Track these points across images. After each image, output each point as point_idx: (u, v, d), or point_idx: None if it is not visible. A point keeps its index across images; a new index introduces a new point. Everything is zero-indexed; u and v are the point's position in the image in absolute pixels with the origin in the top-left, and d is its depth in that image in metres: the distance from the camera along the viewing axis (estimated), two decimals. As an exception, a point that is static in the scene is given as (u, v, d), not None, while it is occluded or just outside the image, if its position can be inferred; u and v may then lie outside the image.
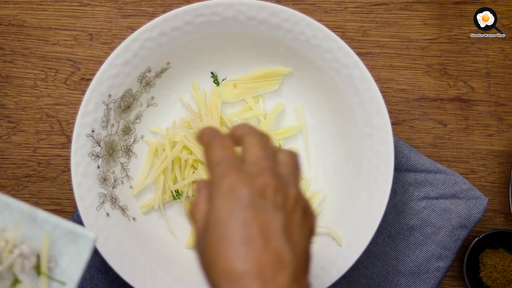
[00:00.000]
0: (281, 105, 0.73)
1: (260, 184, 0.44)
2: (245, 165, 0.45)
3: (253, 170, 0.45)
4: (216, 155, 0.46)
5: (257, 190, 0.44)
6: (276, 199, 0.44)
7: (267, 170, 0.45)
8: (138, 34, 0.67)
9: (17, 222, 0.53)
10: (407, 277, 0.73)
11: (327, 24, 0.77)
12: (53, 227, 0.53)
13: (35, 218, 0.53)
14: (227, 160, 0.45)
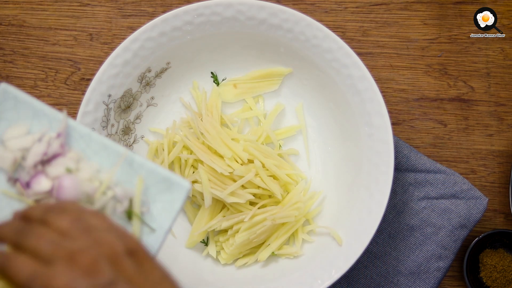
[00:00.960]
0: (281, 105, 0.73)
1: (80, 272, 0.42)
2: (49, 267, 0.43)
3: (61, 267, 0.42)
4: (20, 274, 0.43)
5: (84, 277, 0.42)
6: (103, 273, 0.42)
7: (73, 255, 0.43)
8: (138, 34, 0.67)
9: (112, 164, 0.52)
10: (407, 277, 0.73)
11: (327, 24, 0.77)
12: (148, 172, 0.52)
13: (131, 162, 0.52)
14: (39, 276, 0.42)
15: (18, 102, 0.52)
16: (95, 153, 0.53)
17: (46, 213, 0.46)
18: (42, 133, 0.52)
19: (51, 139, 0.52)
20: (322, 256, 0.69)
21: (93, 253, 0.43)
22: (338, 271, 0.66)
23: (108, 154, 0.52)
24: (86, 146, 0.53)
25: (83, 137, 0.53)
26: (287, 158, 0.73)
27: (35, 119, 0.53)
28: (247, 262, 0.71)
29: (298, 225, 0.71)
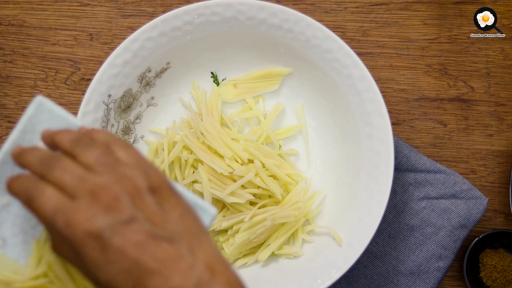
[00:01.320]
0: (281, 105, 0.73)
1: (100, 206, 0.43)
2: (74, 201, 0.44)
3: (84, 200, 0.43)
4: (46, 206, 0.44)
5: (104, 212, 0.43)
6: (123, 207, 0.43)
7: (96, 189, 0.43)
8: (138, 34, 0.67)
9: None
10: (407, 277, 0.73)
11: (327, 24, 0.77)
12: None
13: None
14: (61, 209, 0.43)
15: (52, 115, 0.52)
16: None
17: (75, 144, 0.46)
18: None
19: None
20: (322, 256, 0.68)
21: (115, 189, 0.43)
22: (338, 271, 0.66)
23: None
24: None
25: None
26: (287, 158, 0.73)
27: None
28: (247, 262, 0.71)
29: (298, 225, 0.71)
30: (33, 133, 0.52)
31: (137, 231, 0.43)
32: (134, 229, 0.42)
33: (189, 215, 0.46)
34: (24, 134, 0.52)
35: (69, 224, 0.43)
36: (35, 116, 0.52)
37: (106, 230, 0.42)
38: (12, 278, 0.49)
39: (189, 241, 0.44)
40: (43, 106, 0.52)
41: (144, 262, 0.42)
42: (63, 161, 0.45)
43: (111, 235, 0.42)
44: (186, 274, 0.42)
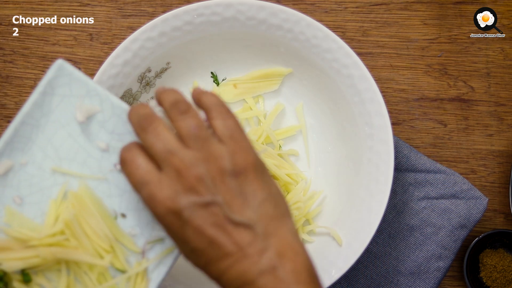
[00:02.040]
0: (281, 104, 0.73)
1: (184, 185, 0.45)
2: (161, 172, 0.46)
3: (170, 175, 0.45)
4: (136, 175, 0.47)
5: (186, 192, 0.45)
6: (204, 188, 0.45)
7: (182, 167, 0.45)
8: (138, 34, 0.67)
9: None
10: (407, 277, 0.73)
11: (327, 24, 0.77)
12: None
13: None
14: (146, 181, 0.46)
15: (72, 79, 0.53)
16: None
17: (172, 108, 0.48)
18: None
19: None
20: (322, 256, 0.68)
21: (200, 170, 0.45)
22: (338, 271, 0.66)
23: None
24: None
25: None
26: (287, 158, 0.73)
27: (87, 98, 0.53)
28: (247, 262, 0.71)
29: (298, 225, 0.71)
30: (52, 95, 0.53)
31: (215, 214, 0.44)
32: (213, 212, 0.44)
33: (270, 199, 0.46)
34: (43, 96, 0.53)
35: (153, 199, 0.45)
36: (54, 78, 0.53)
37: (186, 210, 0.44)
38: (29, 236, 0.51)
39: (266, 227, 0.45)
40: (63, 69, 0.53)
41: (219, 243, 0.44)
42: (158, 125, 0.47)
43: (190, 215, 0.44)
44: (255, 259, 0.44)
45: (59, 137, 0.53)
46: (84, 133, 0.53)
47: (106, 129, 0.53)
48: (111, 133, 0.53)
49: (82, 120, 0.53)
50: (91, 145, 0.53)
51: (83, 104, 0.53)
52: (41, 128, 0.53)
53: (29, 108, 0.52)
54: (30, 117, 0.52)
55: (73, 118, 0.53)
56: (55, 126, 0.53)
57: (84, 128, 0.53)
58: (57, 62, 0.53)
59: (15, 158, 0.52)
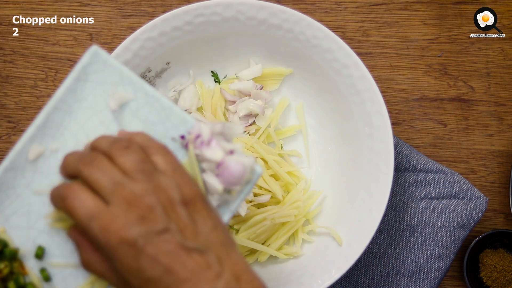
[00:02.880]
0: (286, 99, 0.73)
1: (135, 216, 0.44)
2: (108, 206, 0.45)
3: (118, 207, 0.45)
4: (80, 212, 0.46)
5: (138, 222, 0.44)
6: (157, 218, 0.45)
7: (132, 200, 0.45)
8: (138, 34, 0.67)
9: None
10: (407, 277, 0.73)
11: (327, 24, 0.77)
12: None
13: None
14: (96, 214, 0.45)
15: (107, 66, 0.53)
16: (174, 126, 0.53)
17: (112, 146, 0.47)
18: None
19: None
20: (322, 256, 0.69)
21: (150, 200, 0.45)
22: (338, 271, 0.66)
23: (187, 128, 0.52)
24: (166, 118, 0.53)
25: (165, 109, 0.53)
26: (287, 158, 0.73)
27: (120, 86, 0.53)
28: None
29: (298, 225, 0.71)
30: (85, 82, 0.53)
31: (170, 241, 0.44)
32: (167, 240, 0.44)
33: (219, 227, 0.47)
34: (77, 82, 0.52)
35: (105, 230, 0.44)
36: (89, 65, 0.52)
37: (140, 239, 0.44)
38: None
39: (218, 252, 0.46)
40: (98, 56, 0.52)
41: (175, 270, 0.44)
42: (101, 160, 0.47)
43: (145, 244, 0.44)
44: (213, 283, 0.44)
45: (91, 124, 0.52)
46: (117, 120, 0.53)
47: (139, 117, 0.53)
48: (144, 122, 0.53)
49: (115, 108, 0.52)
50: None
51: (116, 92, 0.52)
52: (74, 114, 0.52)
53: (62, 93, 0.52)
54: (63, 102, 0.52)
55: (106, 105, 0.53)
56: (88, 112, 0.52)
57: (117, 116, 0.53)
58: (92, 48, 0.52)
59: (46, 144, 0.52)
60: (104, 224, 0.44)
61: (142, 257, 0.44)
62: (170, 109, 0.53)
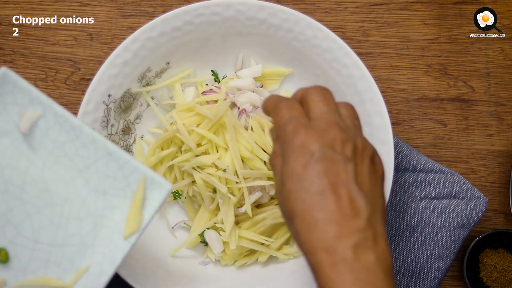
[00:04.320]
0: (288, 92, 0.73)
1: (328, 138, 0.46)
2: (312, 122, 0.47)
3: (320, 126, 0.47)
4: (284, 116, 0.48)
5: (327, 144, 0.46)
6: (345, 151, 0.46)
7: (333, 125, 0.47)
8: (138, 34, 0.67)
9: (99, 158, 0.54)
10: (407, 277, 0.73)
11: (327, 24, 0.77)
12: (133, 170, 0.54)
13: (117, 159, 0.54)
14: (295, 119, 0.47)
15: (16, 87, 0.53)
16: (84, 145, 0.54)
17: (306, 93, 0.50)
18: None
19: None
20: (322, 256, 0.68)
21: (348, 137, 0.46)
22: (338, 271, 0.66)
23: (96, 148, 0.54)
24: (75, 137, 0.54)
25: (74, 129, 0.54)
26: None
27: (30, 106, 0.53)
28: (247, 262, 0.71)
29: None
30: None
31: (340, 172, 0.45)
32: (341, 170, 0.45)
33: (383, 200, 0.47)
34: None
35: (295, 132, 0.46)
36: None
37: (318, 153, 0.45)
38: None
39: (380, 213, 0.46)
40: (7, 77, 0.53)
41: (330, 198, 0.44)
42: (314, 98, 0.49)
43: (319, 159, 0.45)
44: (358, 231, 0.44)
45: (1, 145, 0.54)
46: (27, 141, 0.54)
47: (49, 137, 0.54)
48: (53, 141, 0.54)
49: (24, 129, 0.53)
50: (34, 153, 0.54)
51: (25, 112, 0.53)
52: None
53: None
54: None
55: (16, 126, 0.54)
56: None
57: (27, 136, 0.54)
58: (0, 70, 0.53)
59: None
60: (298, 127, 0.46)
61: (310, 167, 0.45)
62: (79, 129, 0.54)
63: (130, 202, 0.54)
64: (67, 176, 0.55)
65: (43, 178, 0.54)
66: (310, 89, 0.50)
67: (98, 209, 0.55)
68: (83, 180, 0.55)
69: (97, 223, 0.55)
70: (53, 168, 0.54)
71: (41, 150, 0.54)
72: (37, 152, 0.54)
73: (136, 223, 0.53)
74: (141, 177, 0.54)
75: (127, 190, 0.54)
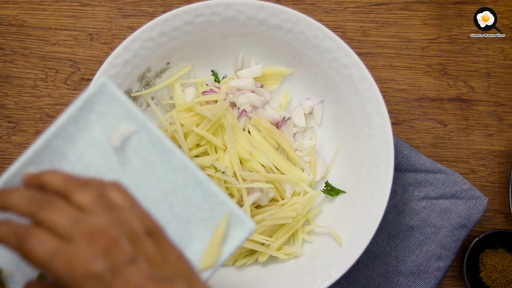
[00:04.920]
0: (287, 92, 0.73)
1: (101, 248, 0.43)
2: (70, 243, 0.43)
3: (82, 245, 0.43)
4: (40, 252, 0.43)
5: (104, 256, 0.43)
6: (123, 251, 0.43)
7: (96, 232, 0.43)
8: (138, 34, 0.67)
9: (187, 185, 0.52)
10: (407, 277, 0.73)
11: (327, 24, 0.77)
12: (219, 203, 0.52)
13: (205, 189, 0.52)
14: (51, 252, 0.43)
15: (114, 99, 0.52)
16: (173, 169, 0.52)
17: (67, 184, 0.46)
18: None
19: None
20: (322, 256, 0.68)
21: (114, 231, 0.43)
22: (338, 271, 0.66)
23: (186, 174, 0.52)
24: (166, 160, 0.52)
25: (166, 151, 0.52)
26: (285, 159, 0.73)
27: (124, 120, 0.52)
28: (247, 262, 0.71)
29: (298, 225, 0.71)
30: (89, 112, 0.52)
31: (138, 272, 0.43)
32: (135, 271, 0.43)
33: (183, 258, 0.47)
34: (81, 111, 0.51)
35: (69, 266, 0.42)
36: (95, 95, 0.52)
37: (107, 272, 0.42)
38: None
39: (186, 281, 0.45)
40: (105, 87, 0.52)
41: None
42: (56, 201, 0.45)
43: (112, 277, 0.42)
44: None
45: (90, 155, 0.52)
46: (117, 155, 0.52)
47: (139, 155, 0.52)
48: (143, 160, 0.52)
49: (116, 143, 0.51)
50: (121, 168, 0.52)
51: (119, 126, 0.52)
52: (74, 143, 0.52)
53: (64, 121, 0.51)
54: (64, 130, 0.51)
55: (107, 137, 0.52)
56: (88, 143, 0.52)
57: (117, 151, 0.52)
58: (100, 80, 0.51)
59: (43, 168, 0.50)
60: (68, 260, 0.42)
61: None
62: (171, 152, 0.52)
63: (210, 235, 0.52)
64: (152, 197, 0.53)
65: None
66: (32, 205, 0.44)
67: (177, 236, 0.53)
68: (167, 204, 0.53)
69: None
70: (139, 187, 0.52)
71: (130, 166, 0.52)
72: (125, 168, 0.52)
73: (213, 258, 0.51)
74: (226, 211, 0.52)
75: (210, 222, 0.53)
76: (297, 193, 0.72)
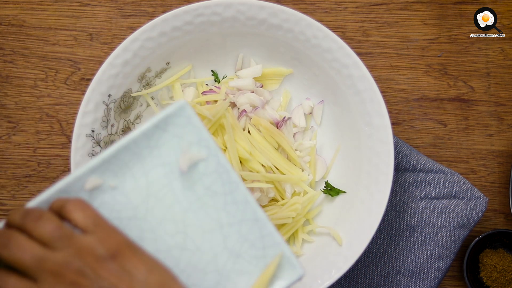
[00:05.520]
0: (287, 92, 0.73)
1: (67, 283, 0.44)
2: (38, 284, 0.45)
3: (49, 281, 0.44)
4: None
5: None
6: (90, 285, 0.44)
7: (58, 272, 0.44)
8: (138, 34, 0.67)
9: (243, 220, 0.53)
10: (407, 277, 0.73)
11: (327, 24, 0.77)
12: (273, 243, 0.53)
13: (262, 227, 0.53)
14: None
15: (189, 123, 0.52)
16: (234, 202, 0.53)
17: (25, 219, 0.46)
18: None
19: None
20: (322, 256, 0.68)
21: (77, 264, 0.44)
22: (338, 271, 0.66)
23: (246, 209, 0.53)
24: (229, 192, 0.53)
25: (231, 184, 0.52)
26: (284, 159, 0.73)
27: (196, 146, 0.52)
28: (247, 262, 0.71)
29: (298, 225, 0.71)
30: (163, 131, 0.52)
31: None
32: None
33: (155, 268, 0.47)
34: (155, 129, 0.52)
35: None
36: (172, 116, 0.52)
37: None
38: None
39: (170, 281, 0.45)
40: (183, 110, 0.52)
41: None
42: (17, 239, 0.46)
43: None
44: None
45: (155, 174, 0.52)
46: (181, 178, 0.52)
47: (204, 182, 0.52)
48: (206, 188, 0.52)
49: (183, 167, 0.52)
50: (183, 193, 0.52)
51: (190, 151, 0.52)
52: (142, 158, 0.52)
53: (137, 135, 0.51)
54: (135, 144, 0.51)
55: (175, 160, 0.52)
56: (156, 162, 0.52)
57: (183, 174, 0.52)
58: (180, 101, 0.52)
59: (106, 178, 0.51)
60: None
61: None
62: (236, 185, 0.52)
63: (259, 273, 0.53)
64: (208, 226, 0.53)
65: (184, 220, 0.52)
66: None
67: (226, 269, 0.53)
68: (221, 236, 0.53)
69: (220, 282, 0.53)
70: (197, 214, 0.52)
71: (192, 192, 0.52)
72: (187, 193, 0.52)
73: None
74: (278, 253, 0.52)
75: (260, 261, 0.53)
76: (297, 193, 0.72)
